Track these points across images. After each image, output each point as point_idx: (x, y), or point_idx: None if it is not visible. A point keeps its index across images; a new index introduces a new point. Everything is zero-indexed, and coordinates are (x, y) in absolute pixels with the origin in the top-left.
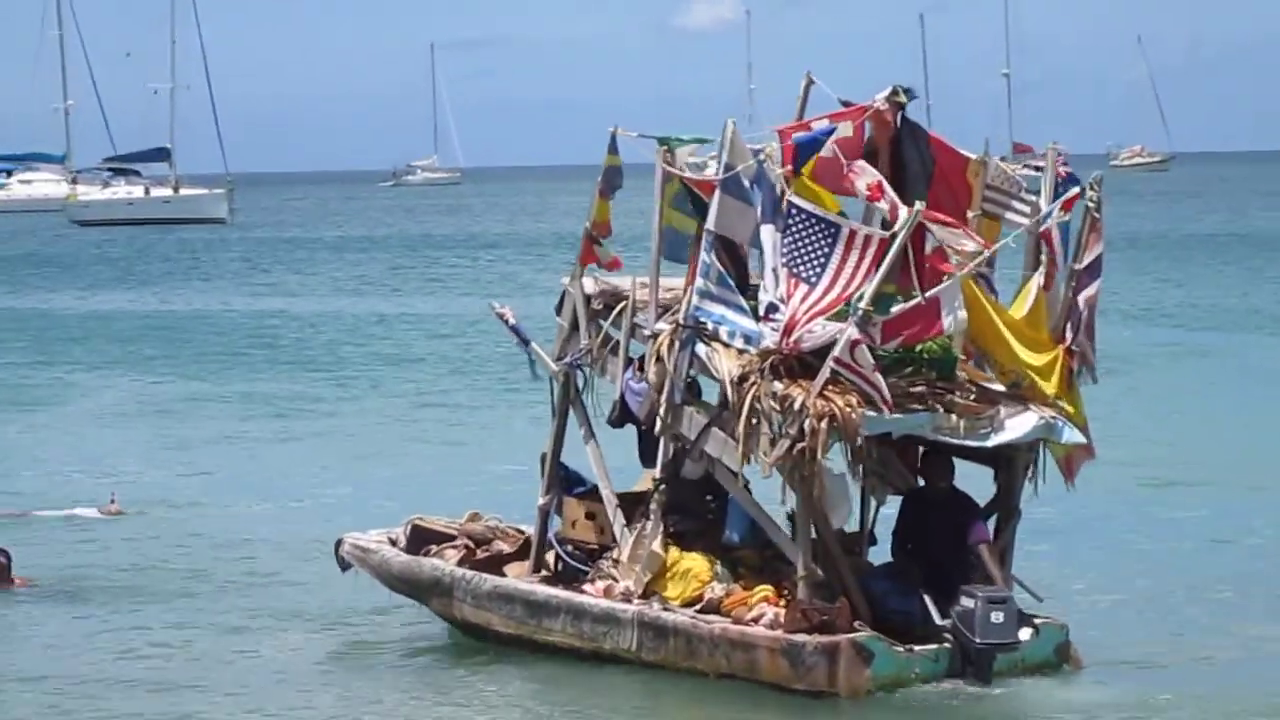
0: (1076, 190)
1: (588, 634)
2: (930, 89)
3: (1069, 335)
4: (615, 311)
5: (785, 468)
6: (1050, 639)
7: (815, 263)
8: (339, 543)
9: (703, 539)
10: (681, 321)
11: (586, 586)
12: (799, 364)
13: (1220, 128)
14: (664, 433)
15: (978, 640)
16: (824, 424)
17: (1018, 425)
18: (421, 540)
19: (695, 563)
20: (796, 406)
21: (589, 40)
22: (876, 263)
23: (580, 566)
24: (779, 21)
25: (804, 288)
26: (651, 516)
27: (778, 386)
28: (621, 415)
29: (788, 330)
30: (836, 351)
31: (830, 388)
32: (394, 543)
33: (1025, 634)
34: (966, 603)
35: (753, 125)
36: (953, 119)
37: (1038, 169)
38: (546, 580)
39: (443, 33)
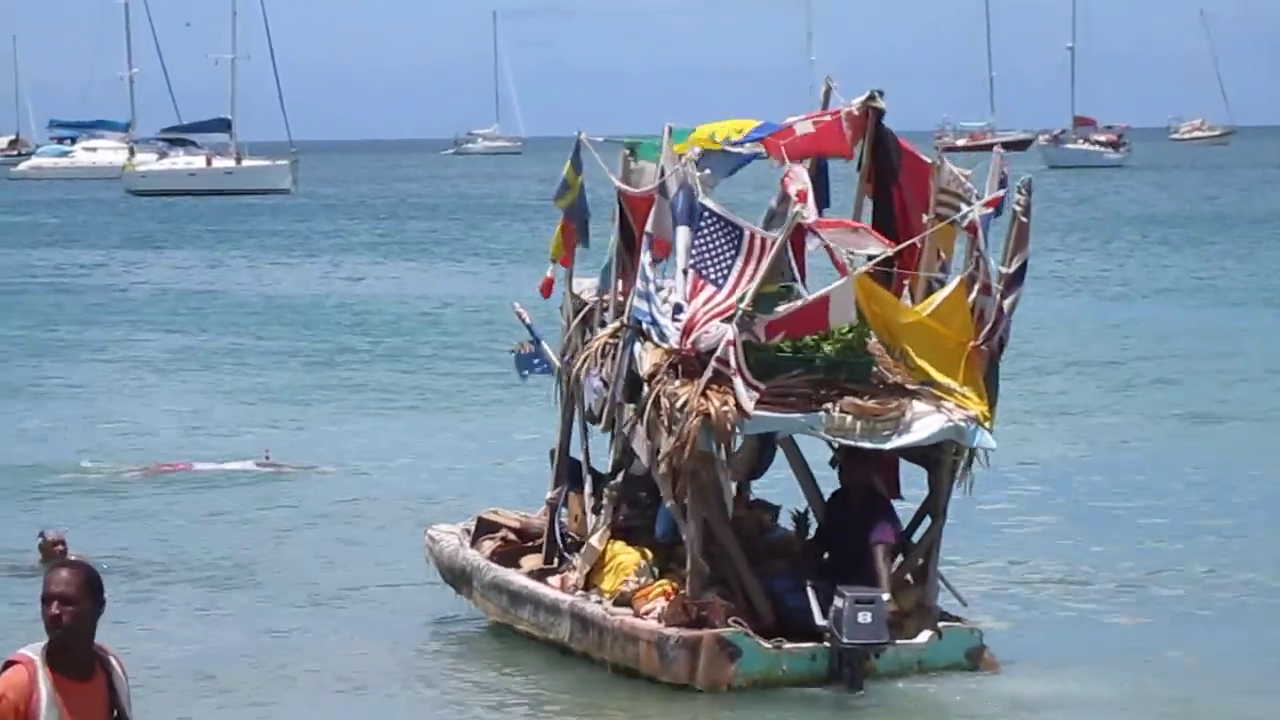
0: (1001, 192)
1: (542, 623)
2: (994, 61)
3: (983, 335)
4: (584, 310)
5: (671, 463)
6: (959, 643)
7: (722, 265)
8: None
9: (650, 534)
10: (624, 322)
11: (550, 579)
12: (700, 364)
13: None
14: (608, 430)
15: (844, 640)
16: (696, 421)
17: (923, 427)
18: (485, 533)
19: (628, 556)
20: (680, 404)
21: (650, 9)
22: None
23: (570, 559)
24: None
25: (709, 289)
26: (601, 511)
27: (675, 385)
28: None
29: (687, 331)
30: (719, 351)
31: (714, 387)
32: (469, 534)
33: (924, 637)
34: (837, 602)
35: (811, 96)
36: (1014, 91)
37: (1098, 143)
38: (548, 572)
39: (504, 1)
